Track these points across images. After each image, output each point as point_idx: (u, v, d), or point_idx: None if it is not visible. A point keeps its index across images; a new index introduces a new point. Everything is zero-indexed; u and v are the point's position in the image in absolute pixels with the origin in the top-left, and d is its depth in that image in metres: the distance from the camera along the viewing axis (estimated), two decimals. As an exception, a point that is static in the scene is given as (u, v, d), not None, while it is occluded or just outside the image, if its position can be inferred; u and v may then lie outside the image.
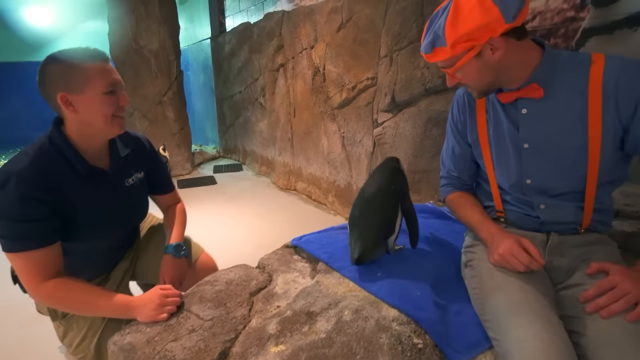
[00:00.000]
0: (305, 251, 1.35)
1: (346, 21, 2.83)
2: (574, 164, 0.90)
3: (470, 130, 1.06)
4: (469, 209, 1.06)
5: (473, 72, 0.91)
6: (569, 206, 0.94)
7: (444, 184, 1.17)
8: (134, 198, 1.23)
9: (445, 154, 1.18)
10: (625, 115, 0.83)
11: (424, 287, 1.08)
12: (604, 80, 0.83)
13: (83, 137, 1.04)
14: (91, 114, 1.00)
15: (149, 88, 4.31)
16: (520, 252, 0.86)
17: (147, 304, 1.00)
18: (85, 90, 0.97)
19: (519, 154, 0.96)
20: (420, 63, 1.88)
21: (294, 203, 3.67)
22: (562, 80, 0.89)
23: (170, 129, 4.46)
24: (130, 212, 1.24)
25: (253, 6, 4.51)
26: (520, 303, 0.83)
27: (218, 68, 5.31)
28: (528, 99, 0.92)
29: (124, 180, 1.18)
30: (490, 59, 0.87)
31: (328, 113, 3.24)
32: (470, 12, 0.82)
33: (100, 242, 1.17)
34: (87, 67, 0.97)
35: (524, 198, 0.99)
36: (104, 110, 1.00)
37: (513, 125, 0.96)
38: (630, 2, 1.33)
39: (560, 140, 0.90)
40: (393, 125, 2.10)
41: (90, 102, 0.98)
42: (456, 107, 1.11)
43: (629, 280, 0.78)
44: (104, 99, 0.99)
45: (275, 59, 3.94)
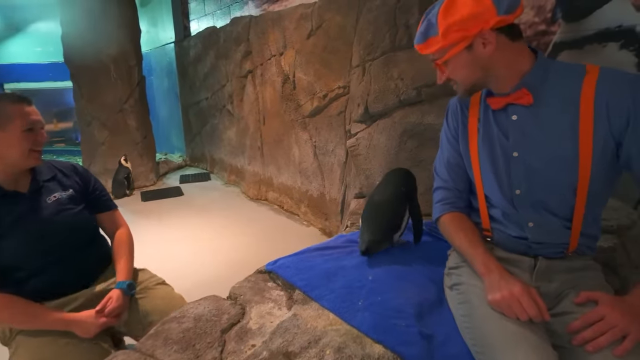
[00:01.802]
0: (280, 277, 1.26)
1: (316, 28, 2.77)
2: (563, 176, 0.87)
3: (462, 138, 1.04)
4: (466, 237, 0.99)
5: (462, 65, 0.90)
6: (557, 226, 0.91)
7: (440, 200, 1.10)
8: (60, 212, 1.26)
9: (439, 164, 1.13)
10: (618, 129, 0.81)
11: (408, 316, 1.02)
12: (596, 92, 0.82)
13: (1, 166, 1.16)
14: (10, 149, 1.14)
15: (109, 95, 4.07)
16: (530, 301, 0.80)
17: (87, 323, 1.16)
18: (7, 129, 1.12)
19: (508, 163, 0.93)
20: (394, 74, 1.85)
21: (265, 214, 3.55)
22: (553, 89, 0.87)
23: (133, 137, 4.22)
24: (60, 226, 1.24)
25: (219, 10, 4.37)
26: (516, 334, 0.79)
27: (183, 73, 5.11)
28: (518, 105, 0.90)
29: (45, 199, 1.24)
30: (481, 54, 0.87)
31: (299, 121, 3.16)
32: (464, 1, 0.83)
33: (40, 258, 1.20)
34: (10, 108, 1.13)
35: (513, 214, 0.95)
36: (22, 146, 1.15)
37: (503, 133, 0.94)
38: (599, 18, 1.35)
39: (549, 150, 0.88)
40: (367, 136, 2.05)
41: (11, 139, 1.13)
42: (451, 116, 1.08)
43: (617, 312, 0.76)
44: (22, 136, 1.14)
45: (243, 65, 3.82)
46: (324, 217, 3.07)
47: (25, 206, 1.20)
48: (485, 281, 0.90)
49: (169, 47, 5.36)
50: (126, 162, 3.97)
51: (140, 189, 4.23)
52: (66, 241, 1.25)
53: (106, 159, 4.14)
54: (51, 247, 1.21)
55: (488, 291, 0.87)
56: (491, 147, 0.96)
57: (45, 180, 1.27)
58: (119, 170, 3.97)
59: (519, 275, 0.92)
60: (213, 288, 1.54)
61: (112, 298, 1.22)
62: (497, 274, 0.88)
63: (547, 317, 0.80)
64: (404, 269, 1.26)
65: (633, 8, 1.28)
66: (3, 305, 1.11)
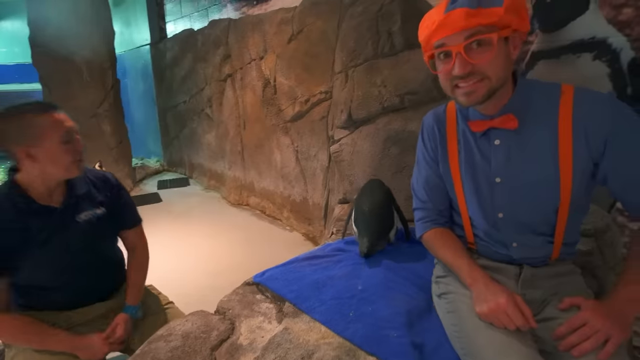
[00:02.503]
0: (269, 289, 1.25)
1: (297, 33, 2.76)
2: (546, 198, 0.89)
3: (442, 160, 1.01)
4: (450, 251, 1.00)
5: (499, 56, 0.80)
6: (540, 242, 0.93)
7: (420, 218, 1.10)
8: (89, 234, 1.21)
9: (417, 184, 1.11)
10: (596, 150, 0.82)
11: (399, 326, 1.02)
12: (573, 115, 0.83)
13: (39, 180, 1.09)
14: (52, 164, 1.05)
15: (81, 99, 3.92)
16: (516, 312, 0.81)
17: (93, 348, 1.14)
18: (42, 144, 1.02)
19: (491, 188, 0.93)
20: (377, 81, 1.86)
21: (247, 219, 3.51)
22: (534, 112, 0.86)
23: (107, 143, 4.09)
24: (79, 248, 1.19)
25: (196, 12, 4.29)
26: (505, 344, 0.81)
27: (159, 76, 4.99)
28: (501, 130, 0.89)
29: (76, 217, 1.17)
30: (510, 54, 0.82)
31: (280, 126, 3.15)
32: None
33: (63, 275, 1.18)
34: (38, 120, 1.02)
35: (496, 235, 0.96)
36: (64, 161, 1.06)
37: (484, 158, 0.92)
38: (574, 30, 1.40)
39: (532, 175, 0.88)
40: (350, 142, 2.06)
41: (49, 154, 1.03)
42: (427, 136, 1.05)
43: (599, 317, 0.79)
44: (62, 149, 1.05)
45: (222, 69, 3.76)
46: (307, 222, 3.06)
47: (57, 224, 1.13)
48: (473, 292, 0.91)
49: (144, 49, 5.22)
50: (101, 168, 3.83)
51: (116, 195, 4.10)
52: (90, 262, 1.23)
53: (79, 166, 3.99)
54: (76, 267, 1.20)
55: (475, 303, 0.88)
56: (473, 172, 0.95)
57: (79, 195, 1.19)
58: (94, 177, 3.83)
59: (504, 283, 0.94)
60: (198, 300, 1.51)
61: (120, 325, 1.19)
62: (482, 285, 0.89)
63: (534, 325, 0.82)
64: (392, 277, 1.26)
65: (605, 21, 1.34)
66: (15, 327, 1.09)
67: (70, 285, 1.19)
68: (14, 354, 1.14)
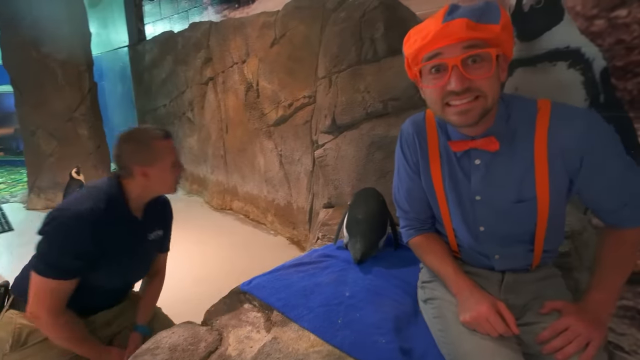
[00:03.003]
0: (256, 298, 1.24)
1: (280, 37, 2.76)
2: (524, 216, 0.90)
3: (424, 174, 1.00)
4: (436, 258, 1.02)
5: (495, 75, 0.78)
6: (521, 252, 0.95)
7: (405, 226, 1.12)
8: (149, 253, 1.35)
9: (398, 194, 1.11)
10: (572, 167, 0.84)
11: (387, 331, 1.04)
12: (549, 132, 0.83)
13: (142, 194, 1.22)
14: (160, 182, 1.21)
15: (56, 103, 3.80)
16: (497, 319, 0.83)
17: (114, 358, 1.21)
18: (157, 165, 1.17)
19: (472, 204, 0.94)
20: (361, 87, 1.88)
21: (231, 224, 3.48)
22: (513, 132, 0.86)
23: (85, 148, 3.97)
24: (142, 265, 1.35)
25: (176, 14, 4.23)
26: (490, 348, 0.83)
27: (138, 79, 4.89)
28: (482, 150, 0.88)
29: (148, 234, 1.29)
30: (500, 75, 0.81)
31: (263, 130, 3.13)
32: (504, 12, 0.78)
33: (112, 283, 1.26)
34: (161, 145, 1.18)
35: (479, 247, 0.98)
36: (170, 180, 1.23)
37: (466, 176, 0.93)
38: (549, 39, 1.46)
39: (510, 194, 0.89)
40: (335, 147, 2.07)
41: (161, 173, 1.19)
42: (406, 147, 1.03)
43: (580, 322, 0.82)
44: (171, 171, 1.21)
45: (204, 72, 3.72)
46: (291, 226, 3.06)
47: (138, 235, 1.26)
48: (458, 300, 0.93)
49: (122, 51, 5.10)
50: (78, 174, 3.71)
51: (94, 201, 3.99)
52: (136, 277, 1.38)
53: (55, 172, 3.86)
54: (127, 279, 1.33)
55: (459, 311, 0.90)
56: (456, 188, 0.95)
57: (153, 213, 1.31)
58: (70, 183, 3.71)
59: (488, 288, 0.96)
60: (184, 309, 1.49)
61: (136, 344, 1.22)
62: (467, 293, 0.91)
63: (516, 331, 0.84)
64: (379, 282, 1.28)
65: (578, 31, 1.40)
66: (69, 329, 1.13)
67: (107, 294, 1.28)
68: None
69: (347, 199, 2.03)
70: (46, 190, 3.92)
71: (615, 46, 1.33)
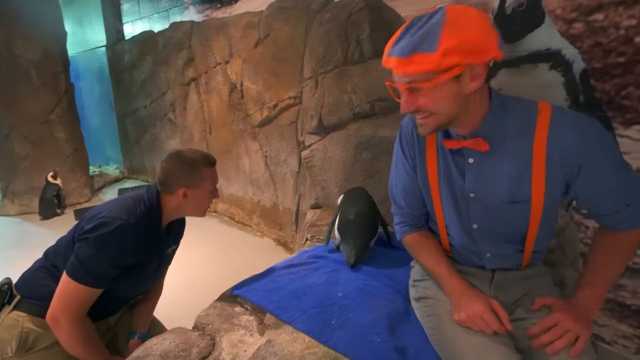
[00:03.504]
0: (248, 301, 1.23)
1: (264, 37, 2.74)
2: (517, 216, 0.92)
3: (420, 169, 1.02)
4: (430, 256, 1.03)
5: (446, 96, 0.80)
6: (512, 252, 0.97)
7: (399, 222, 1.13)
8: (164, 266, 1.39)
9: (395, 189, 1.12)
10: (569, 173, 0.84)
11: (381, 331, 1.04)
12: (549, 137, 0.83)
13: (176, 212, 1.26)
14: (196, 204, 1.26)
15: (31, 105, 3.66)
16: (492, 317, 0.85)
17: None
18: (199, 188, 1.23)
19: (466, 201, 0.95)
20: (348, 88, 1.89)
21: (216, 226, 3.43)
22: (508, 134, 0.87)
23: (62, 151, 3.84)
24: (156, 277, 1.38)
25: (156, 13, 4.15)
26: (485, 345, 0.84)
27: (117, 79, 4.77)
28: (474, 150, 0.90)
29: (167, 249, 1.33)
30: (466, 88, 0.80)
31: (248, 131, 3.11)
32: (473, 23, 0.75)
33: (130, 293, 1.32)
34: (205, 171, 1.23)
35: (471, 246, 0.99)
36: (205, 205, 1.29)
37: (460, 172, 0.94)
38: (531, 42, 1.50)
39: (504, 194, 0.90)
40: (322, 148, 2.07)
41: (200, 197, 1.25)
42: (405, 143, 1.04)
43: (569, 318, 0.84)
44: (208, 196, 1.26)
45: (186, 73, 3.66)
46: (277, 227, 3.04)
47: (159, 251, 1.28)
48: (452, 300, 0.94)
49: (100, 50, 4.96)
50: (55, 178, 3.60)
51: (73, 206, 3.86)
52: (149, 288, 1.41)
53: (31, 176, 3.72)
54: (140, 292, 1.37)
55: (453, 311, 0.92)
56: (450, 184, 0.96)
57: (173, 229, 1.34)
58: (47, 188, 3.59)
59: (478, 287, 0.98)
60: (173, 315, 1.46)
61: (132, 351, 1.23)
62: (460, 293, 0.92)
63: (510, 328, 0.86)
64: (370, 282, 1.28)
65: (559, 34, 1.44)
66: (86, 337, 1.14)
67: (117, 302, 1.30)
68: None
69: (335, 199, 2.03)
70: (21, 196, 3.78)
71: (593, 48, 1.38)
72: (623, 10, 1.31)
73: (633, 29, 1.30)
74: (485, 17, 0.77)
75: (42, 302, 1.13)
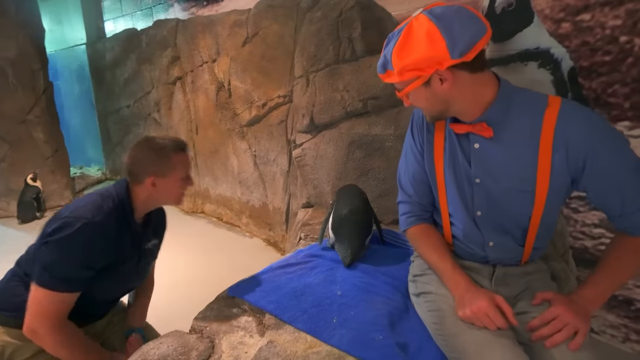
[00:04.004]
0: (246, 302, 1.21)
1: (252, 36, 2.72)
2: (519, 206, 0.93)
3: (427, 154, 1.04)
4: (435, 251, 1.03)
5: (422, 99, 0.91)
6: (512, 245, 0.99)
7: (405, 212, 1.12)
8: (147, 261, 1.32)
9: (403, 177, 1.12)
10: (574, 166, 0.85)
11: (382, 328, 1.04)
12: (556, 129, 0.84)
13: (147, 203, 1.19)
14: (167, 193, 1.18)
15: (7, 105, 3.53)
16: (497, 313, 0.85)
17: None
18: (169, 176, 1.15)
19: (471, 187, 0.96)
20: (340, 86, 1.89)
21: (204, 228, 3.38)
22: (514, 122, 0.88)
23: (41, 152, 3.72)
24: (140, 274, 1.32)
25: (139, 11, 4.06)
26: (488, 339, 0.85)
27: (98, 78, 4.64)
28: (480, 135, 0.92)
29: (145, 244, 1.26)
30: (439, 90, 0.87)
31: (236, 131, 3.07)
32: (418, 43, 0.83)
33: (113, 293, 1.26)
34: (174, 157, 1.15)
35: (474, 234, 1.00)
36: (178, 193, 1.21)
37: (465, 158, 0.96)
38: (520, 41, 1.53)
39: (508, 181, 0.91)
40: (313, 146, 2.07)
41: (170, 185, 1.17)
42: (416, 129, 1.08)
43: (569, 312, 0.85)
44: (180, 184, 1.19)
45: (171, 72, 3.59)
46: (267, 227, 3.02)
47: (137, 246, 1.21)
48: (455, 296, 0.95)
49: (80, 48, 4.82)
50: (34, 180, 3.47)
51: (53, 209, 3.74)
52: (133, 286, 1.35)
53: (8, 178, 3.59)
54: (126, 288, 1.31)
55: (457, 307, 0.92)
56: (455, 169, 0.98)
57: (152, 224, 1.28)
58: (26, 190, 3.47)
59: (479, 281, 1.00)
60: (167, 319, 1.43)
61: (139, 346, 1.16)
62: (464, 289, 0.93)
63: (514, 322, 0.87)
64: (368, 280, 1.28)
65: (547, 33, 1.47)
66: (72, 340, 1.09)
67: (103, 304, 1.24)
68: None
69: (327, 198, 2.03)
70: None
71: (580, 47, 1.42)
72: (609, 10, 1.35)
73: (618, 28, 1.34)
74: (434, 31, 0.81)
75: (17, 312, 1.06)
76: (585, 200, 1.53)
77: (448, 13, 0.83)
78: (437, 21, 0.81)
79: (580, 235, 1.55)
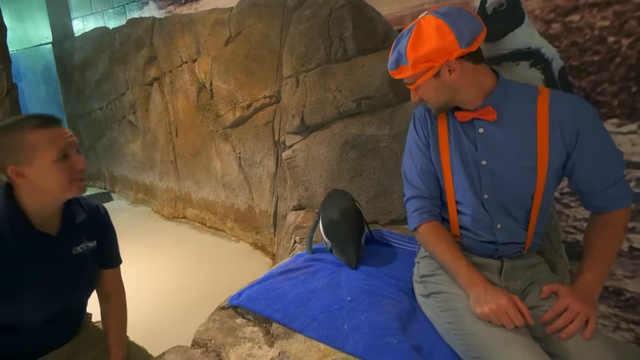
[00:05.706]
0: (250, 311, 1.17)
1: (235, 35, 2.65)
2: (523, 185, 1.00)
3: (433, 145, 1.10)
4: (448, 250, 1.03)
5: (432, 90, 1.00)
6: (518, 227, 1.04)
7: (416, 209, 1.12)
8: (80, 268, 1.07)
9: (410, 172, 1.15)
10: (569, 142, 0.95)
11: (395, 332, 1.03)
12: (549, 113, 0.95)
13: (35, 202, 0.96)
14: (44, 183, 0.94)
15: (-32, 107, 3.28)
16: (516, 312, 0.87)
17: None
18: (34, 162, 0.91)
19: (478, 170, 1.03)
20: (332, 86, 1.86)
21: (187, 233, 3.27)
22: (514, 107, 0.98)
23: (6, 158, 3.48)
24: (72, 286, 1.07)
25: (111, 9, 3.88)
26: (507, 336, 0.86)
27: (67, 80, 4.42)
28: (483, 120, 1.00)
29: (72, 248, 1.04)
30: (448, 80, 0.97)
31: (219, 132, 2.99)
32: (429, 36, 0.93)
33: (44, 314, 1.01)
34: (33, 136, 0.90)
35: (483, 218, 1.04)
36: (58, 179, 0.94)
37: (472, 143, 1.03)
38: (512, 40, 1.56)
39: (512, 161, 0.99)
40: (304, 148, 2.03)
41: (42, 173, 0.92)
42: (419, 124, 1.14)
43: (577, 301, 0.89)
44: (55, 168, 0.92)
45: (147, 72, 3.45)
46: (254, 230, 2.95)
47: (52, 255, 1.00)
48: (471, 295, 0.95)
49: (45, 48, 4.56)
50: (0, 188, 3.25)
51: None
52: (75, 302, 1.11)
53: (-30, 186, 3.34)
54: (62, 306, 1.05)
55: (475, 304, 0.92)
56: (462, 155, 1.05)
57: (76, 224, 1.06)
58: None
59: (489, 277, 1.00)
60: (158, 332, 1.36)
61: None
62: (481, 288, 0.93)
63: (531, 322, 0.88)
64: (373, 282, 1.27)
65: (538, 33, 1.51)
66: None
67: (40, 331, 1.01)
68: None
69: (319, 199, 2.00)
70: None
71: (570, 47, 1.46)
72: (597, 12, 1.39)
73: (606, 29, 1.39)
74: (442, 26, 0.92)
75: None
76: (575, 196, 1.58)
77: (451, 11, 0.95)
78: (443, 17, 0.93)
79: (572, 230, 1.60)
